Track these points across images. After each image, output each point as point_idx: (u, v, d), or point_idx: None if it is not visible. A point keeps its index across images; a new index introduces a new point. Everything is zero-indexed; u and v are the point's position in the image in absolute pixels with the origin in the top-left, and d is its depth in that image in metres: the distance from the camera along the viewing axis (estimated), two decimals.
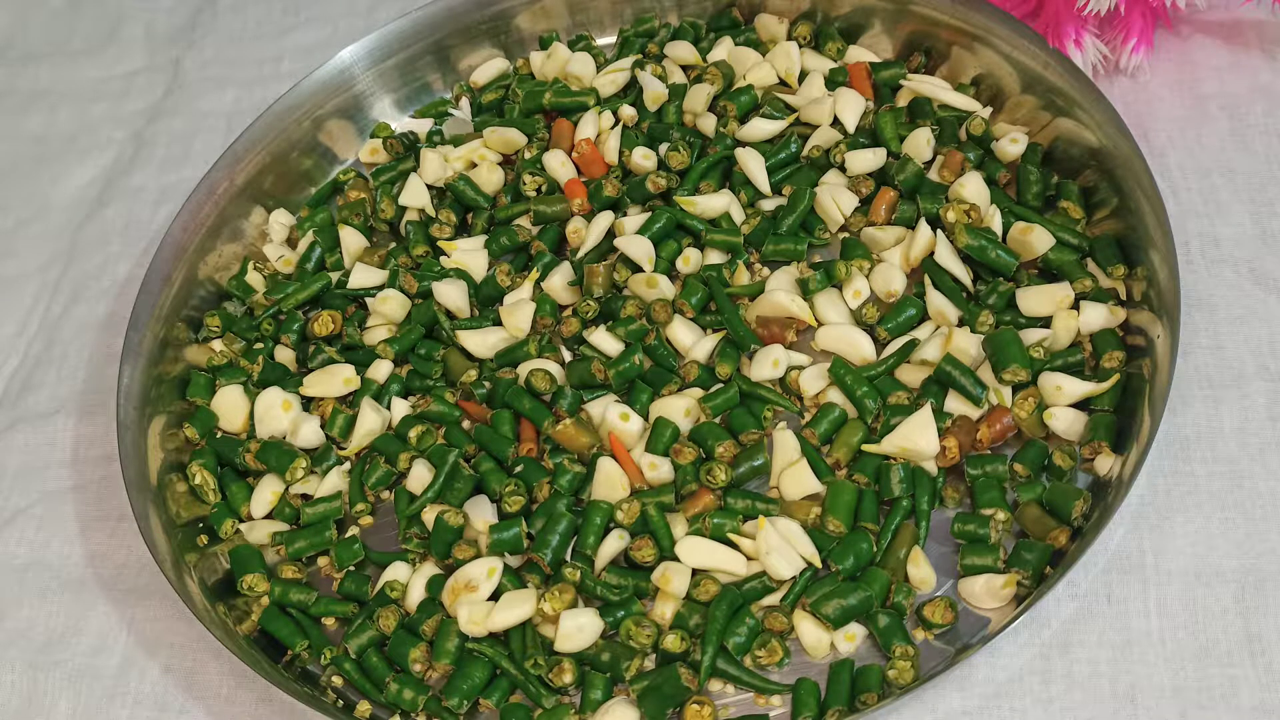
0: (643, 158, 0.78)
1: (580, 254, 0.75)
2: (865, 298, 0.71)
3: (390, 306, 0.76)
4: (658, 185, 0.76)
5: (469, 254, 0.77)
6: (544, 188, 0.79)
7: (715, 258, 0.74)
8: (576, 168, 0.79)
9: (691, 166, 0.78)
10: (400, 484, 0.70)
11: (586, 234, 0.76)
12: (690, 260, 0.74)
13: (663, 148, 0.79)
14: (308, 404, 0.74)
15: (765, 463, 0.66)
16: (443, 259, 0.78)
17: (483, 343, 0.74)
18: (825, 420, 0.67)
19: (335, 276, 0.79)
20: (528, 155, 0.82)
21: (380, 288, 0.77)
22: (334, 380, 0.73)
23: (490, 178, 0.81)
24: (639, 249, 0.73)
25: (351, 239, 0.80)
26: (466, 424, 0.72)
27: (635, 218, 0.76)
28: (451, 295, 0.75)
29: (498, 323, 0.74)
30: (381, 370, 0.74)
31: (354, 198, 0.83)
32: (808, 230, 0.75)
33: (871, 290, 0.72)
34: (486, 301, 0.76)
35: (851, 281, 0.71)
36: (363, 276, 0.78)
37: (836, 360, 0.68)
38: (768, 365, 0.69)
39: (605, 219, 0.76)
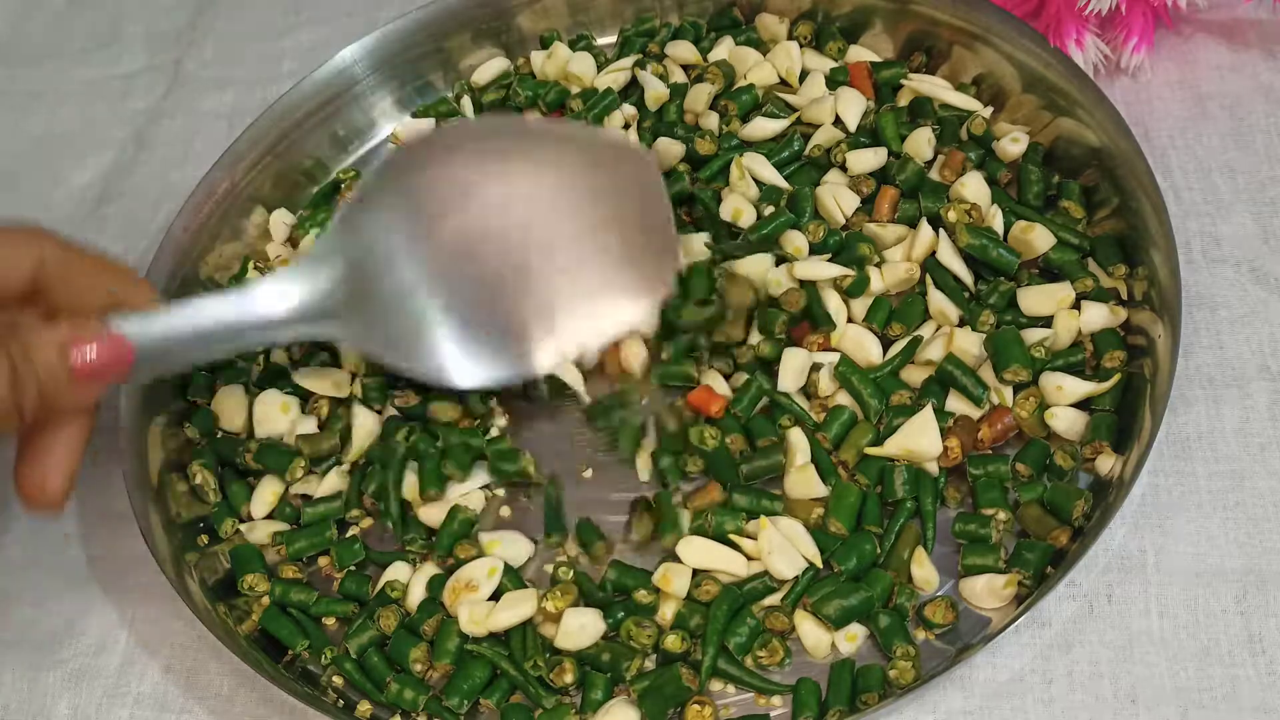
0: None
1: None
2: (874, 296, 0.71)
3: None
4: None
5: None
6: None
7: None
8: None
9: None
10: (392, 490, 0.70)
11: None
12: None
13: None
14: (305, 405, 0.74)
15: (779, 462, 0.66)
16: None
17: None
18: (836, 424, 0.67)
19: None
20: None
21: None
22: (325, 380, 0.73)
23: None
24: None
25: None
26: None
27: None
28: None
29: None
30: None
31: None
32: None
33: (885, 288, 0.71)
34: None
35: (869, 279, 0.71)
36: None
37: (843, 359, 0.68)
38: (793, 373, 0.68)
39: None
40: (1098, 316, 0.67)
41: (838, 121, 0.77)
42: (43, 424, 0.57)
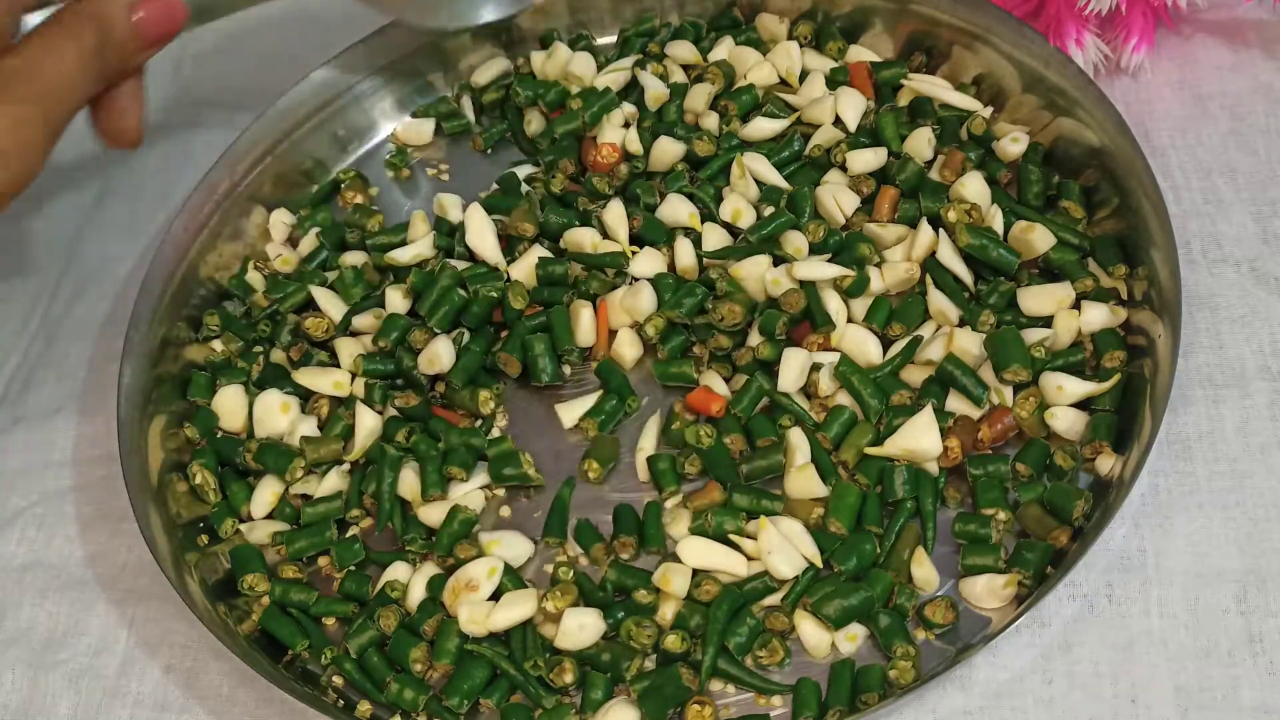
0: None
1: None
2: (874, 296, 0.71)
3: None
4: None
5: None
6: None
7: None
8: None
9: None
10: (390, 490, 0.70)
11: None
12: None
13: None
14: (305, 405, 0.74)
15: (779, 462, 0.66)
16: None
17: None
18: (836, 423, 0.67)
19: (331, 277, 0.79)
20: None
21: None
22: (325, 379, 0.73)
23: None
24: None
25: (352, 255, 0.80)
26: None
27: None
28: None
29: None
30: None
31: (352, 198, 0.83)
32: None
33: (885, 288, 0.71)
34: None
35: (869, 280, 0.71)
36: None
37: (843, 359, 0.68)
38: (793, 374, 0.68)
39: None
40: (1098, 316, 0.67)
41: (838, 121, 0.77)
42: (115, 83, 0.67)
